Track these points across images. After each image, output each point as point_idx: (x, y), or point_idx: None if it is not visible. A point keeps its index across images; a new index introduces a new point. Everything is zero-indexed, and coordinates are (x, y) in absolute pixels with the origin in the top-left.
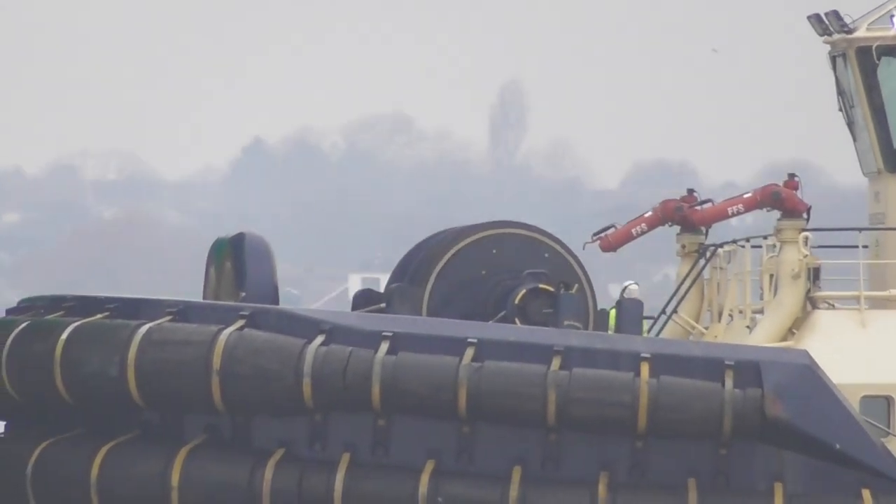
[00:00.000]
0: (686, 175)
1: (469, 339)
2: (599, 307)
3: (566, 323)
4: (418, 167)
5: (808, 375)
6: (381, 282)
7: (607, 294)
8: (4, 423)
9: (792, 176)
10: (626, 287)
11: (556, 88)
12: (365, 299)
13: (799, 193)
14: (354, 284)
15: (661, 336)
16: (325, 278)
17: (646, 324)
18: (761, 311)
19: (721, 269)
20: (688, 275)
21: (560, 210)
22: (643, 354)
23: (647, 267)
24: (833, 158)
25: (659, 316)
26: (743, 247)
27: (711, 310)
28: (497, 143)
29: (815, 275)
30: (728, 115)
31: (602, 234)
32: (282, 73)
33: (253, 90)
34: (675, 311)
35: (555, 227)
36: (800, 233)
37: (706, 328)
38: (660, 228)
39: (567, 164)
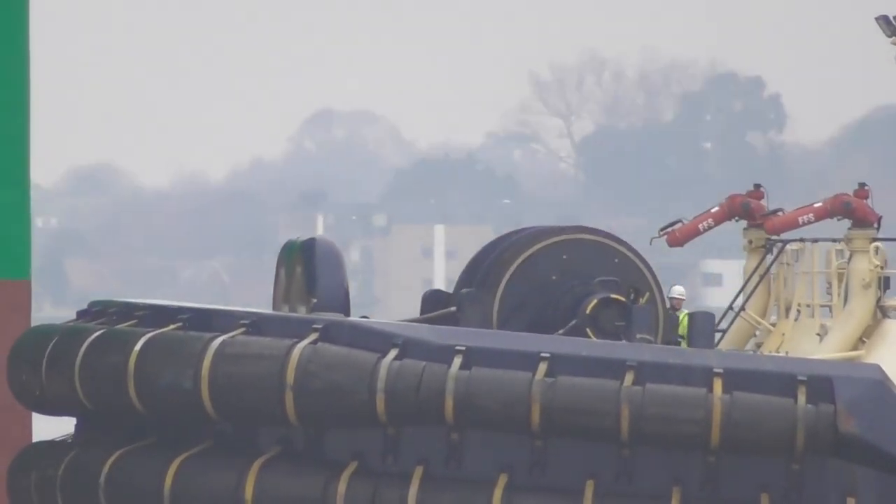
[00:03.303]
0: None
1: (542, 354)
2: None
3: (639, 336)
4: None
5: (881, 391)
6: None
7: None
8: (75, 421)
9: (862, 185)
10: (671, 289)
11: None
12: (434, 300)
13: (869, 202)
14: None
15: (729, 332)
16: None
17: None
18: (829, 307)
19: (788, 265)
20: (755, 270)
21: None
22: (716, 370)
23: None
24: (136, 161)
25: (726, 312)
26: (812, 243)
27: (778, 304)
28: None
29: (885, 283)
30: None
31: (669, 230)
32: None
33: None
34: (742, 308)
35: None
36: (870, 242)
37: (773, 324)
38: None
39: None
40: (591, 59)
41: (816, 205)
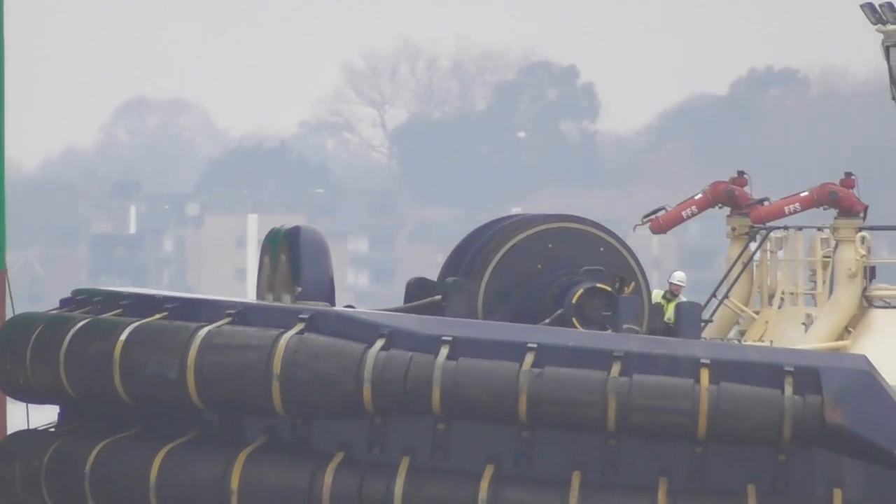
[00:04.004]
0: None
1: (529, 344)
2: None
3: (625, 326)
4: None
5: (868, 381)
6: None
7: None
8: (58, 409)
9: (849, 175)
10: (671, 275)
11: None
12: (419, 288)
13: (855, 192)
14: None
15: (713, 319)
16: None
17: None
18: (813, 295)
19: (772, 252)
20: (738, 258)
21: None
22: (703, 360)
23: None
24: None
25: (709, 300)
26: (796, 231)
27: (762, 292)
28: None
29: (871, 273)
30: None
31: (653, 216)
32: None
33: None
34: (726, 295)
35: None
36: (857, 232)
37: (756, 312)
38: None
39: None
40: (405, 48)
41: (803, 194)
